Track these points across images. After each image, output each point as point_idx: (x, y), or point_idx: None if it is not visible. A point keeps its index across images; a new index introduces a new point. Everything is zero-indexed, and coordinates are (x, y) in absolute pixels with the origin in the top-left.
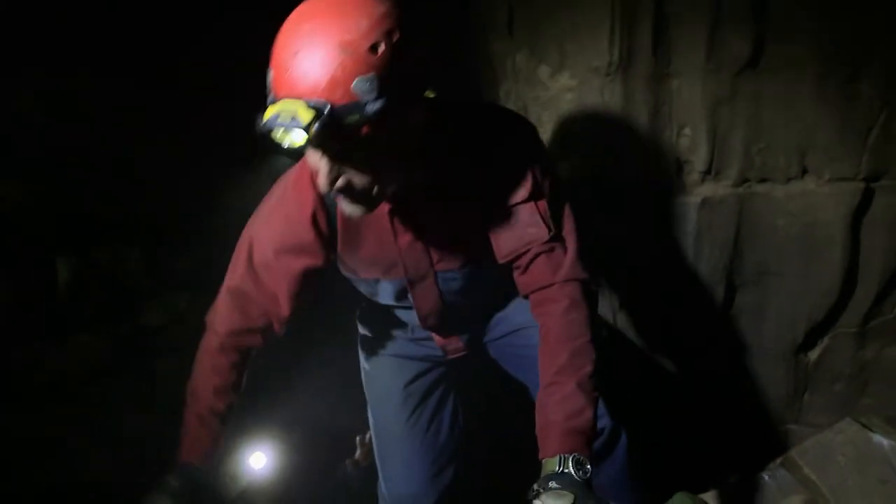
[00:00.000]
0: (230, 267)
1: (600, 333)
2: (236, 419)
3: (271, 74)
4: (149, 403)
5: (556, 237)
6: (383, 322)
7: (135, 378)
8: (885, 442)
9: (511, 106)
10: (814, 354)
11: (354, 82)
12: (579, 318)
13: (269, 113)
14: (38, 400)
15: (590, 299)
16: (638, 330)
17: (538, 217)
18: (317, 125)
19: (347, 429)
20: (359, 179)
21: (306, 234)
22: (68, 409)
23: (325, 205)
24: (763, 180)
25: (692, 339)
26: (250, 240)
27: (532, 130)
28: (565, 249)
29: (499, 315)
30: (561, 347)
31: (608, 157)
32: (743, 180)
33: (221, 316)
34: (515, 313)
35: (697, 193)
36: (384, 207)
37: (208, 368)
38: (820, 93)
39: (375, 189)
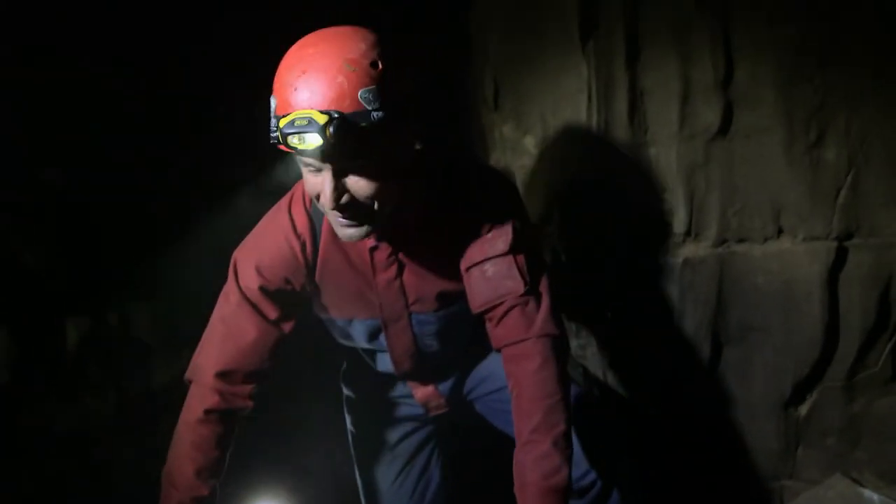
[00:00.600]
0: (221, 297)
1: (591, 391)
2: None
3: (276, 99)
4: (155, 463)
5: (531, 291)
6: (367, 382)
7: (142, 438)
8: (875, 497)
9: None
10: (803, 409)
11: (360, 93)
12: (552, 376)
13: (284, 121)
14: (45, 461)
15: (562, 354)
16: (628, 387)
17: (515, 271)
18: (332, 127)
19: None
20: (362, 193)
21: (292, 253)
22: (75, 470)
23: (312, 232)
24: (741, 240)
25: (681, 396)
26: (235, 262)
27: (513, 188)
28: (539, 304)
29: (484, 371)
30: (535, 406)
31: (592, 222)
32: (722, 241)
33: (210, 356)
34: (499, 371)
35: (679, 254)
36: (366, 243)
37: (188, 445)
38: (788, 157)
39: (375, 207)
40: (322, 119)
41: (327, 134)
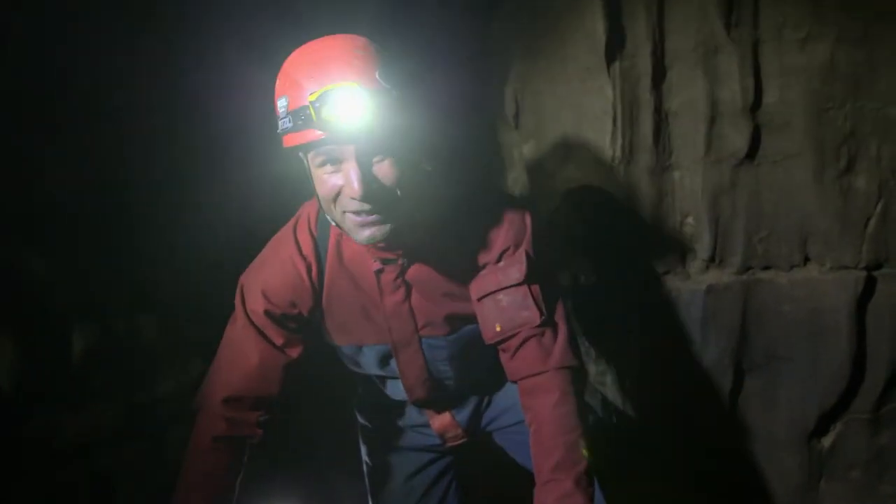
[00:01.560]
0: (229, 323)
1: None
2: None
3: (289, 95)
4: (162, 474)
5: (548, 322)
6: (382, 410)
7: (148, 448)
8: None
9: (518, 194)
10: (827, 441)
11: (376, 72)
12: (572, 410)
13: (315, 96)
14: (50, 470)
15: (580, 385)
16: (648, 416)
17: (531, 300)
18: (366, 94)
19: None
20: (387, 179)
21: (298, 277)
22: (81, 480)
23: (317, 255)
24: (766, 267)
25: (702, 425)
26: (241, 287)
27: (531, 216)
28: (555, 335)
29: (505, 401)
30: (555, 443)
31: (614, 247)
32: (747, 268)
33: (217, 382)
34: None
35: (702, 280)
36: (371, 266)
37: (197, 474)
38: (817, 184)
39: (398, 194)
40: (354, 86)
41: (362, 102)
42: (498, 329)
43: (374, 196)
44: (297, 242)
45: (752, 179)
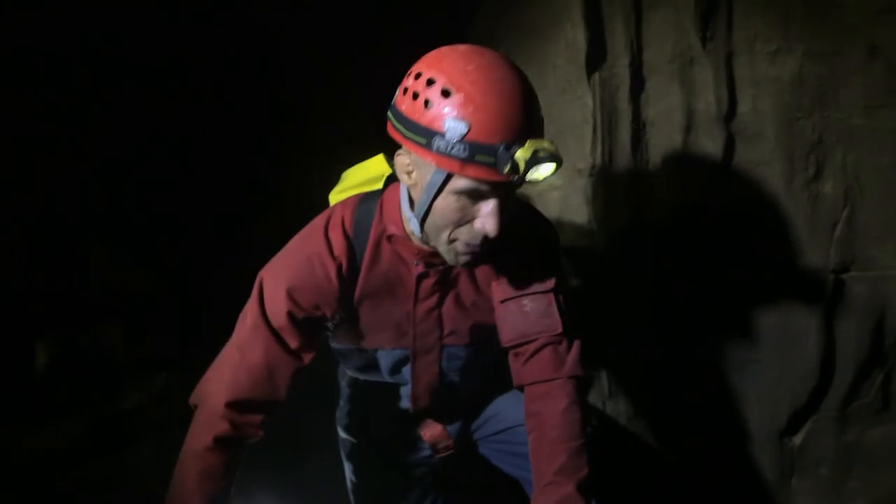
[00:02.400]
0: (240, 320)
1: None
2: None
3: (471, 122)
4: (125, 488)
5: (567, 332)
6: (369, 424)
7: (112, 461)
8: None
9: None
10: (798, 439)
11: (543, 124)
12: (578, 419)
13: (528, 151)
14: (13, 484)
15: (585, 397)
16: (627, 417)
17: (555, 309)
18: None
19: None
20: (507, 220)
21: (326, 277)
22: (44, 494)
23: (352, 255)
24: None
25: (678, 427)
26: (261, 283)
27: (555, 229)
28: (571, 345)
29: (490, 410)
30: (560, 447)
31: (592, 251)
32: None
33: (222, 384)
34: (509, 410)
35: (679, 285)
36: (415, 270)
37: (195, 474)
38: (788, 190)
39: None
40: (555, 149)
41: (560, 164)
42: (517, 332)
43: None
44: (328, 241)
45: (728, 186)
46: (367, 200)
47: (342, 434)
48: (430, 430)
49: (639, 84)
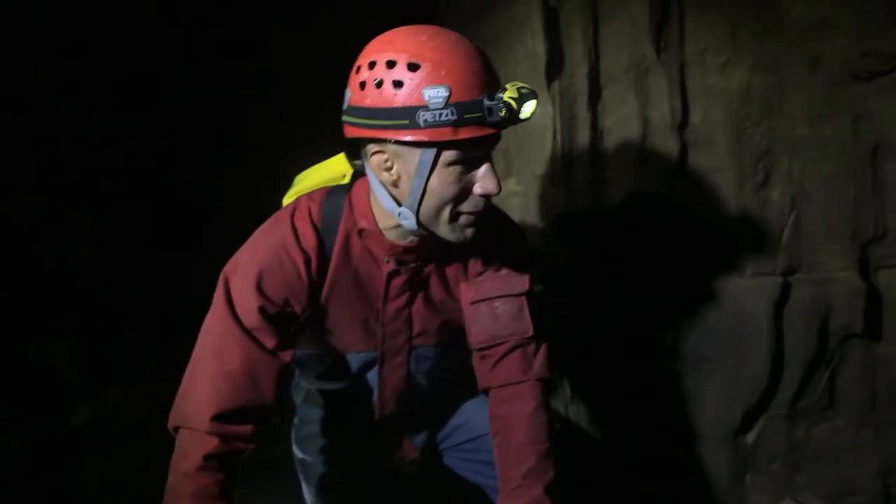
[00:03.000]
0: (207, 324)
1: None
2: None
3: (451, 85)
4: None
5: (537, 335)
6: (329, 440)
7: (58, 478)
8: None
9: None
10: (751, 437)
11: None
12: (545, 423)
13: (513, 92)
14: None
15: (549, 399)
16: (589, 419)
17: (526, 313)
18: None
19: None
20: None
21: (295, 269)
22: None
23: (321, 249)
24: (696, 274)
25: (636, 424)
26: (226, 281)
27: (522, 232)
28: (538, 348)
29: (456, 420)
30: (528, 451)
31: (551, 255)
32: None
33: (203, 397)
34: (477, 419)
35: (636, 287)
36: (385, 268)
37: (189, 498)
38: (739, 197)
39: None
40: (530, 86)
41: (538, 103)
42: (488, 335)
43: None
44: (294, 231)
45: (681, 192)
46: (334, 194)
47: (299, 454)
48: (395, 443)
49: (596, 93)
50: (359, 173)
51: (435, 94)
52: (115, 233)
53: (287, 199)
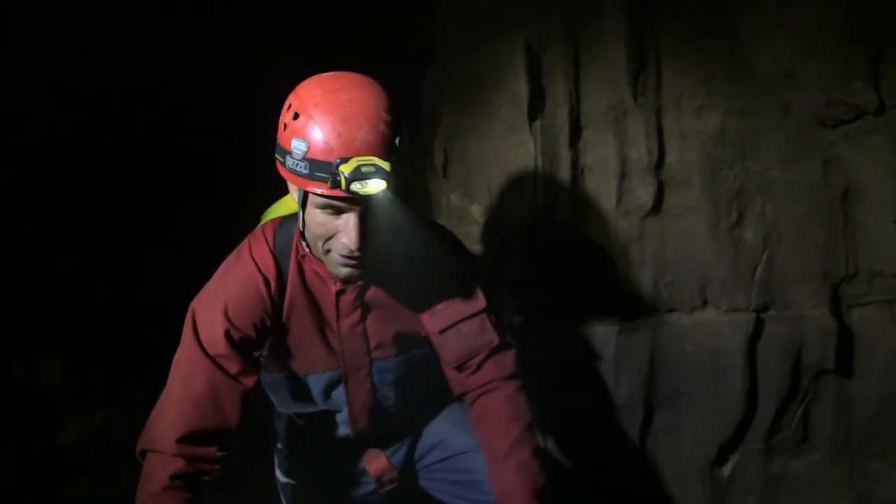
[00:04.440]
0: (177, 356)
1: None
2: None
3: (308, 140)
4: None
5: (503, 343)
6: (310, 462)
7: (45, 499)
8: None
9: None
10: (727, 470)
11: (397, 139)
12: (525, 402)
13: (348, 167)
14: None
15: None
16: (565, 451)
17: (489, 326)
18: (393, 173)
19: None
20: (380, 234)
21: (258, 293)
22: None
23: (279, 273)
24: (671, 310)
25: (615, 458)
26: (193, 313)
27: (461, 243)
28: (507, 351)
29: (433, 437)
30: (512, 424)
31: (533, 290)
32: (654, 310)
33: (169, 422)
34: (454, 437)
35: (615, 322)
36: (332, 287)
37: None
38: (713, 235)
39: (381, 247)
40: (387, 166)
41: (389, 183)
42: (459, 354)
43: (365, 245)
44: (253, 259)
45: (658, 230)
46: (286, 222)
47: (282, 478)
48: (375, 463)
49: (577, 132)
50: None
51: (297, 146)
52: (108, 249)
53: None
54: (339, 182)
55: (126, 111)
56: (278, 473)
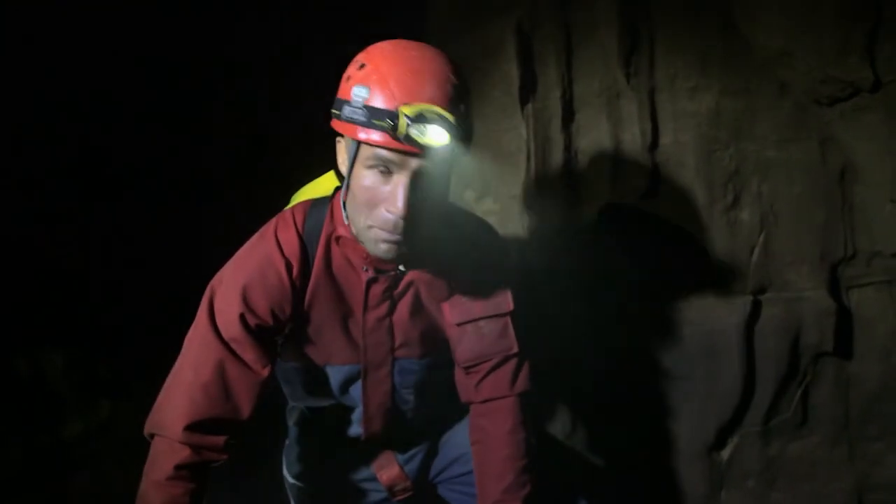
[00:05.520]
0: (189, 336)
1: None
2: None
3: (370, 88)
4: None
5: (521, 351)
6: (321, 464)
7: (50, 492)
8: None
9: None
10: (725, 453)
11: (463, 105)
12: (525, 438)
13: (414, 110)
14: None
15: (528, 412)
16: (564, 435)
17: (511, 331)
18: (457, 127)
19: None
20: (427, 204)
21: (278, 278)
22: None
23: (304, 257)
24: (668, 293)
25: (613, 443)
26: (212, 293)
27: (508, 247)
28: (521, 363)
29: (453, 451)
30: (507, 467)
31: (527, 276)
32: (650, 293)
33: (177, 407)
34: (470, 453)
35: (611, 306)
36: (364, 276)
37: None
38: (709, 217)
39: (426, 221)
40: (451, 117)
41: (452, 135)
42: (474, 353)
43: (409, 219)
44: (277, 242)
45: (653, 212)
46: (319, 204)
47: (290, 480)
48: (387, 472)
49: (569, 115)
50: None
51: (357, 93)
52: (111, 242)
53: None
54: (398, 126)
55: (127, 107)
56: (286, 474)
